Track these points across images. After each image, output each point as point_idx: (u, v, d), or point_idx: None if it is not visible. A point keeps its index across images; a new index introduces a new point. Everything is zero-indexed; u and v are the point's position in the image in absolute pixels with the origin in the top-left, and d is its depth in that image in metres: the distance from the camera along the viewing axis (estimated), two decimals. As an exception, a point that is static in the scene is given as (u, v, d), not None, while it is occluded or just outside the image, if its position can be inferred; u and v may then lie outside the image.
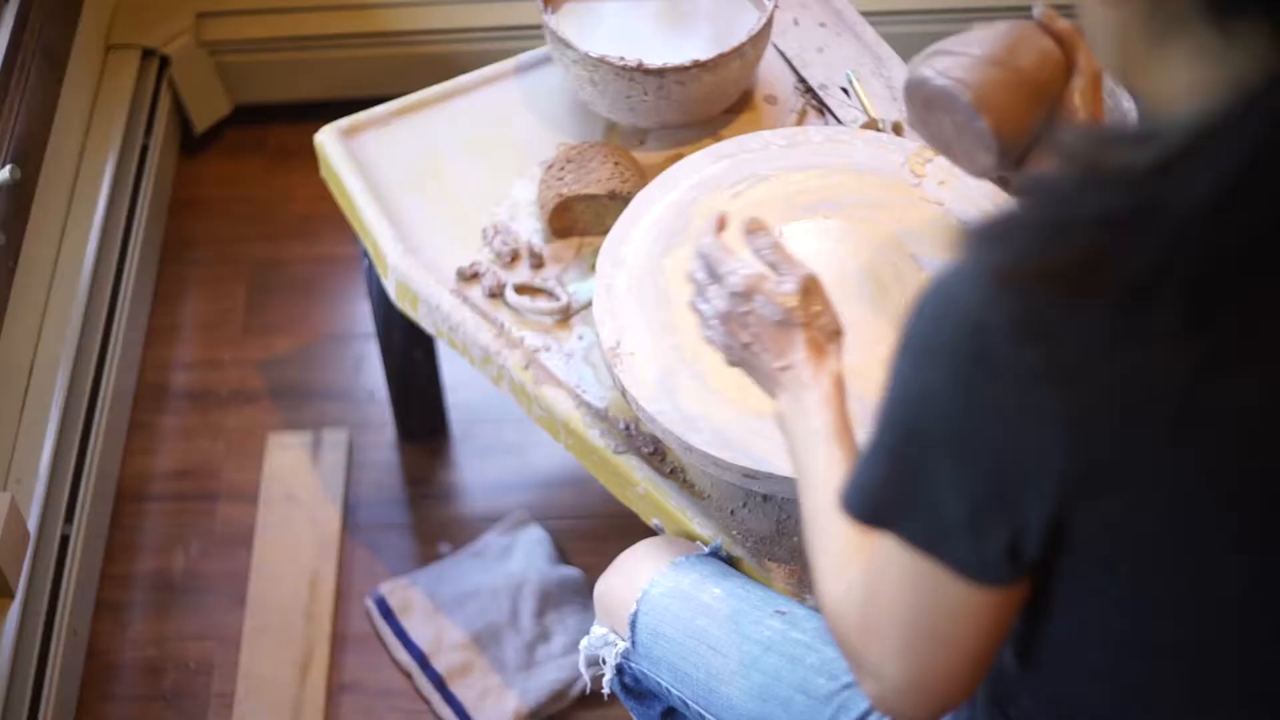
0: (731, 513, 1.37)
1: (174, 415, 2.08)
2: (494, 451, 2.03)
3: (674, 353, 1.36)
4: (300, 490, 1.98)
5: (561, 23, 1.63)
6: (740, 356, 1.16)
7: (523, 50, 1.73)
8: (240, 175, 2.36)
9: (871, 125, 1.59)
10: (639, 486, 1.40)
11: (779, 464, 1.26)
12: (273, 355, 2.14)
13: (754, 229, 1.18)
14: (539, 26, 1.61)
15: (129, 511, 1.99)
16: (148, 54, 2.24)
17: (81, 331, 1.96)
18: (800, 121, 1.64)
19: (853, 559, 0.98)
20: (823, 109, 1.65)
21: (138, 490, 2.01)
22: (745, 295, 1.13)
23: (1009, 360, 0.78)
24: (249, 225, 2.30)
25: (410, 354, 1.90)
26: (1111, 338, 0.77)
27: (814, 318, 1.12)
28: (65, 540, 1.81)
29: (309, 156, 1.69)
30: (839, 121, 1.63)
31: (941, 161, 1.47)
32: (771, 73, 1.69)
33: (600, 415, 1.43)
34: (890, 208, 1.44)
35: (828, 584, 0.99)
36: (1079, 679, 0.95)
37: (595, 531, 1.90)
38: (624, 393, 1.36)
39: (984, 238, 0.80)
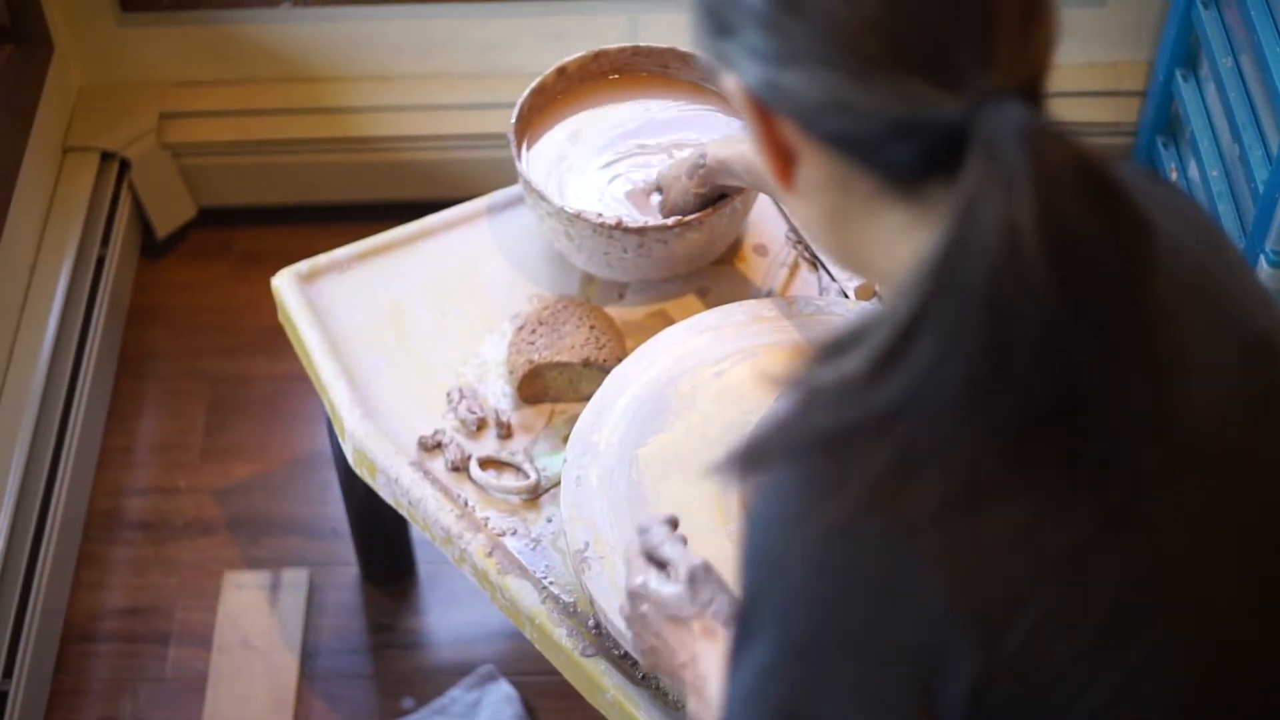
0: (709, 728, 1.26)
1: (125, 546, 1.97)
2: (462, 596, 1.91)
3: (648, 559, 1.25)
4: (256, 636, 1.86)
5: (536, 158, 1.52)
6: (651, 662, 1.11)
7: (492, 159, 1.62)
8: (203, 281, 2.25)
9: (868, 289, 1.48)
10: (608, 693, 1.29)
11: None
12: (232, 482, 2.02)
13: (643, 528, 1.13)
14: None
15: (75, 653, 1.87)
16: (107, 156, 2.13)
17: (29, 454, 1.85)
18: (791, 275, 1.53)
19: None
20: (815, 262, 1.54)
21: (85, 630, 1.89)
22: (637, 598, 1.09)
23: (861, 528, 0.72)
24: (211, 336, 2.18)
25: (374, 495, 1.78)
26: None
27: (704, 607, 1.06)
28: (4, 698, 1.69)
29: (275, 262, 1.58)
30: (831, 276, 1.52)
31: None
32: (762, 218, 1.58)
33: (568, 611, 1.32)
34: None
35: None
36: None
37: (568, 688, 1.78)
38: (592, 602, 1.25)
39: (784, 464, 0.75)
